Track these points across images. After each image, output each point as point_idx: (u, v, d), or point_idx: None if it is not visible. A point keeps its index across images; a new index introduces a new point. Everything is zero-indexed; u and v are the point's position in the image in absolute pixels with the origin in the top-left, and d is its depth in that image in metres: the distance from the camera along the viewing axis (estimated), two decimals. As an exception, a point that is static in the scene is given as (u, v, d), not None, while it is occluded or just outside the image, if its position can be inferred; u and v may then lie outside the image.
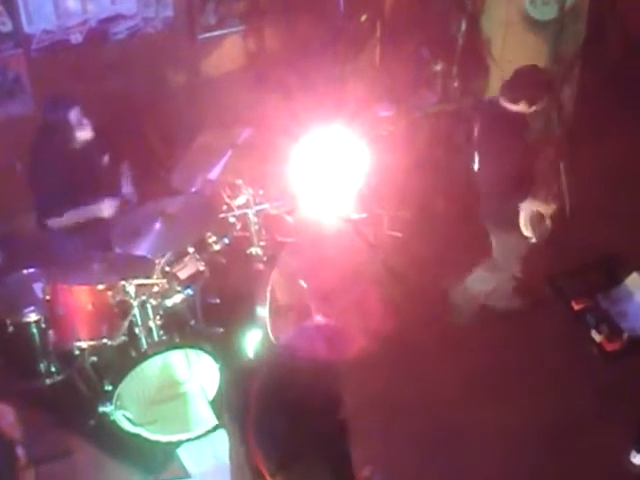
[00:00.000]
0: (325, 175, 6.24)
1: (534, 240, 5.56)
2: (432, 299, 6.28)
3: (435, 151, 7.43)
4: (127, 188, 6.11)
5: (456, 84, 7.37)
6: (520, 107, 5.37)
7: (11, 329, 5.50)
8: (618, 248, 6.44)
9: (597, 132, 7.56)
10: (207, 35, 7.10)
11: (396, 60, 7.33)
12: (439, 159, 7.38)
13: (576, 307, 6.16)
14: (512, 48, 7.13)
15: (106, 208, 5.90)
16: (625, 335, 5.93)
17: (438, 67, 7.27)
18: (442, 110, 7.46)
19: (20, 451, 4.41)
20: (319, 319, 4.69)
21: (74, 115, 5.74)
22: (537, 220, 5.50)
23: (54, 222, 5.81)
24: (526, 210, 5.47)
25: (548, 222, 5.57)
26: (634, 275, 6.19)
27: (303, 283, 5.53)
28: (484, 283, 6.02)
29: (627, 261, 6.35)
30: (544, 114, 5.53)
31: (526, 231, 5.52)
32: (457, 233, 6.74)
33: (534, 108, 5.40)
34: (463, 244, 6.60)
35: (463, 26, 7.24)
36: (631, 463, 5.30)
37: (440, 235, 6.79)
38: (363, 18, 7.28)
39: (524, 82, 5.40)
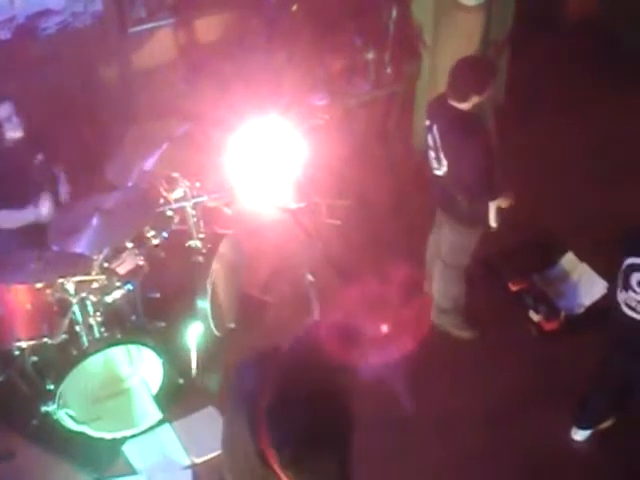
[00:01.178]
0: (262, 165, 6.21)
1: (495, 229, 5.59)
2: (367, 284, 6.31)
3: (370, 139, 7.48)
4: (62, 187, 6.04)
5: (389, 71, 7.41)
6: (471, 102, 5.29)
7: (-53, 332, 5.43)
8: (553, 228, 6.57)
9: (528, 116, 7.67)
10: (138, 28, 7.01)
11: (329, 49, 7.34)
12: (374, 147, 7.43)
13: (513, 288, 6.29)
14: (443, 34, 7.18)
15: (43, 209, 5.82)
16: (562, 314, 6.06)
17: (370, 55, 7.28)
18: (375, 97, 7.50)
19: (-38, 454, 4.36)
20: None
21: (3, 111, 5.64)
22: (499, 210, 5.53)
23: None
24: (493, 205, 5.50)
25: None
26: (569, 255, 6.32)
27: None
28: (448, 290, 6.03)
29: (562, 241, 6.48)
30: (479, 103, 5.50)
31: (494, 223, 5.55)
32: (394, 221, 6.80)
33: (483, 97, 5.38)
34: (400, 231, 6.67)
35: (394, 13, 7.27)
36: (572, 439, 5.43)
37: (377, 223, 6.84)
38: (294, 7, 7.27)
39: (468, 76, 5.27)
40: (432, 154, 5.52)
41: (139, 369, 5.44)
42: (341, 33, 7.39)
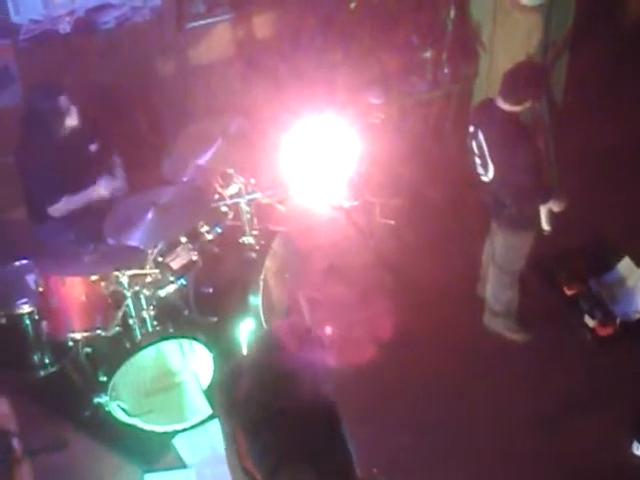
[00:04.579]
0: (317, 163, 6.24)
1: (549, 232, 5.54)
2: (423, 286, 6.28)
3: (426, 139, 7.44)
4: (119, 178, 6.09)
5: (446, 71, 7.36)
6: (523, 106, 5.24)
7: (4, 321, 5.49)
8: (609, 233, 6.48)
9: (585, 118, 7.57)
10: (196, 24, 7.07)
11: (386, 47, 7.31)
12: (429, 147, 7.39)
13: (568, 292, 6.21)
14: (502, 34, 7.12)
15: (102, 188, 5.88)
16: (618, 320, 5.97)
17: (428, 54, 7.25)
18: (432, 97, 7.46)
19: (15, 443, 4.38)
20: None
21: (63, 102, 5.70)
22: (553, 214, 5.48)
23: (54, 210, 5.79)
24: (545, 209, 5.44)
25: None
26: (626, 260, 6.23)
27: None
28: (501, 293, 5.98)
29: (619, 246, 6.38)
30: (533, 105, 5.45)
31: (547, 227, 5.50)
32: (449, 221, 6.76)
33: (536, 101, 5.32)
34: (455, 232, 6.63)
35: (452, 13, 7.23)
36: (632, 454, 5.25)
37: (432, 222, 6.80)
38: (352, 5, 7.25)
39: (524, 81, 5.21)
40: (478, 160, 5.48)
41: (190, 363, 5.45)
42: (398, 32, 7.36)
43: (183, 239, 5.65)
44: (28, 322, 5.48)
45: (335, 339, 5.83)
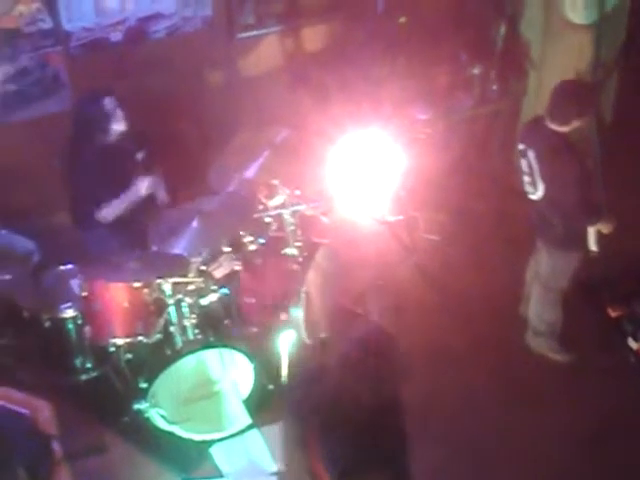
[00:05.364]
0: (361, 177, 6.24)
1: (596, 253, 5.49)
2: (465, 302, 6.25)
3: (471, 154, 7.41)
4: (161, 192, 6.13)
5: (494, 87, 7.33)
6: (571, 126, 5.21)
7: (48, 324, 5.55)
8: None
9: (635, 138, 7.49)
10: (245, 35, 7.11)
11: (434, 63, 7.29)
12: (475, 163, 7.36)
13: (612, 314, 6.14)
14: (552, 52, 7.08)
15: (142, 185, 5.92)
16: (662, 343, 5.90)
17: (476, 70, 7.22)
18: (479, 114, 7.43)
19: (55, 446, 4.43)
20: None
21: (109, 105, 5.76)
22: (600, 234, 5.43)
23: (103, 214, 5.84)
24: (593, 229, 5.40)
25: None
26: (671, 282, 6.15)
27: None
28: (545, 313, 5.92)
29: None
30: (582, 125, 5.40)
31: (594, 247, 5.45)
32: (494, 237, 6.72)
33: (583, 121, 5.29)
34: (499, 248, 6.59)
35: (502, 29, 7.20)
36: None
37: (476, 238, 6.76)
38: (402, 20, 7.25)
39: (572, 100, 5.18)
40: (527, 179, 5.45)
41: (230, 373, 5.46)
42: (447, 47, 7.34)
43: (226, 249, 5.68)
44: (71, 326, 5.53)
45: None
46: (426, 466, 4.95)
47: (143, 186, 5.91)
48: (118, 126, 5.81)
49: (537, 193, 5.38)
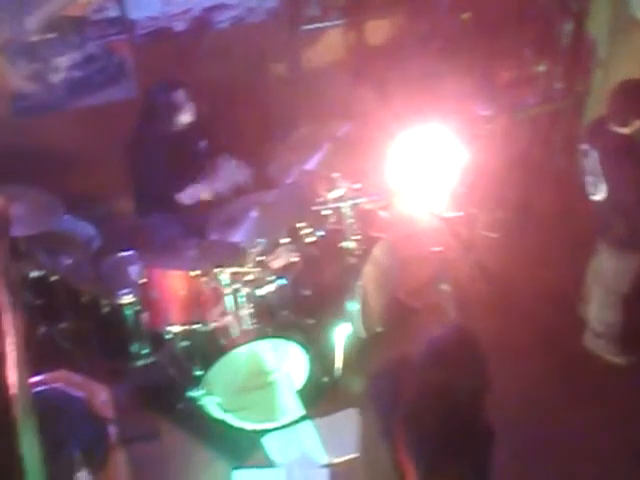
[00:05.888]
0: (421, 172, 6.20)
1: None
2: (523, 301, 6.18)
3: (534, 152, 7.33)
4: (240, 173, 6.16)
5: (558, 85, 7.24)
6: (633, 127, 5.11)
7: (106, 310, 5.62)
8: None
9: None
10: (310, 26, 7.11)
11: (498, 59, 7.23)
12: (537, 160, 7.28)
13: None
14: (618, 51, 6.97)
15: (241, 175, 6.01)
16: None
17: (541, 68, 7.14)
18: (542, 111, 7.35)
19: (111, 430, 4.47)
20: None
21: (181, 96, 5.83)
22: None
23: (188, 196, 5.95)
24: None
25: None
26: None
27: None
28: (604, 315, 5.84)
29: None
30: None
31: None
32: (554, 236, 6.64)
33: None
34: (559, 248, 6.51)
35: (568, 27, 7.11)
36: None
37: (536, 237, 6.69)
38: (465, 15, 7.20)
39: (630, 101, 5.10)
40: (589, 179, 5.38)
41: (285, 364, 5.47)
42: (512, 44, 7.27)
43: (284, 240, 5.69)
44: (129, 312, 5.58)
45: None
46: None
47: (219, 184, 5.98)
48: (185, 118, 5.88)
49: (599, 194, 5.31)
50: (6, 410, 1.76)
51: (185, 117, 5.89)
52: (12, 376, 1.91)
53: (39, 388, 4.45)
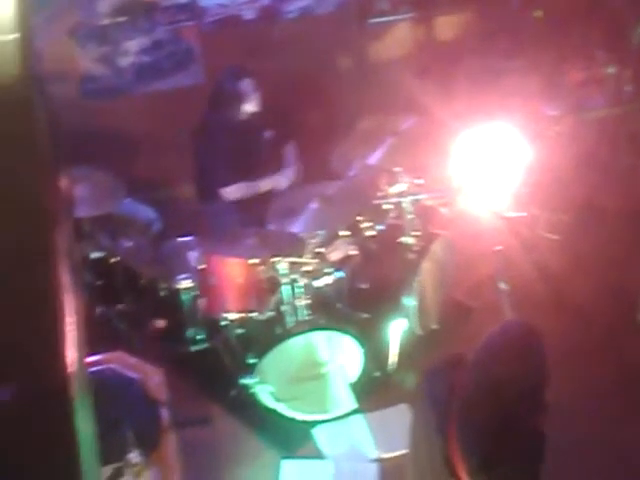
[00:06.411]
0: (485, 170, 6.15)
1: None
2: (584, 305, 6.09)
3: (600, 154, 7.22)
4: (291, 167, 6.17)
5: (629, 88, 7.13)
6: None
7: (164, 294, 5.67)
8: None
9: None
10: (378, 20, 7.09)
11: (568, 59, 7.14)
12: (603, 160, 7.17)
13: None
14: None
15: (283, 180, 6.01)
16: None
17: (611, 70, 7.04)
18: (611, 113, 7.24)
19: (164, 413, 4.51)
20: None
21: (247, 85, 5.86)
22: None
23: (226, 192, 5.94)
24: None
25: None
26: None
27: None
28: None
29: None
30: None
31: None
32: (617, 239, 6.53)
33: None
34: (623, 251, 6.40)
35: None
36: None
37: (599, 240, 6.59)
38: (538, 13, 7.11)
39: None
40: None
41: (338, 357, 5.46)
42: (582, 44, 7.17)
43: (344, 232, 5.68)
44: (186, 297, 5.63)
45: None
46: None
47: (284, 180, 5.99)
48: (251, 107, 5.91)
49: None
50: (64, 388, 1.78)
51: (250, 106, 5.92)
52: (71, 355, 1.92)
53: (95, 368, 4.50)
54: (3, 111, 2.21)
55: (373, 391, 5.52)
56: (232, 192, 5.94)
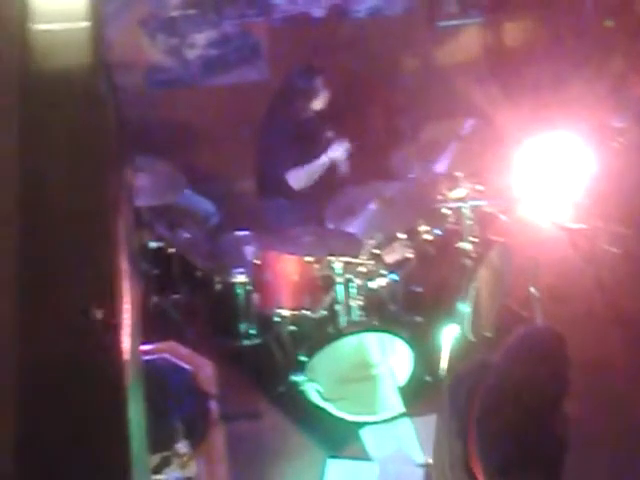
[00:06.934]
0: (547, 179, 6.09)
1: None
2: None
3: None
4: (343, 168, 6.17)
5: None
6: None
7: (219, 287, 5.69)
8: None
9: None
10: (446, 23, 7.05)
11: (636, 70, 7.03)
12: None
13: None
14: None
15: (337, 150, 6.00)
16: None
17: (680, 83, 6.93)
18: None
19: (213, 405, 4.54)
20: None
21: (319, 83, 5.89)
22: None
23: (294, 178, 5.96)
24: None
25: None
26: None
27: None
28: None
29: None
30: None
31: None
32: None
33: None
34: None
35: None
36: None
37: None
38: (608, 23, 7.01)
39: None
40: None
41: (389, 359, 5.44)
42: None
43: (401, 235, 5.66)
44: (240, 292, 5.64)
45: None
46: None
47: (337, 150, 5.97)
48: (318, 105, 5.91)
49: None
50: (119, 375, 1.79)
51: (318, 104, 5.93)
52: (126, 342, 1.94)
53: (148, 357, 4.54)
54: (72, 97, 2.23)
55: (423, 395, 5.49)
56: (297, 179, 5.94)
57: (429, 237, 5.73)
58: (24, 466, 1.66)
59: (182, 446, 4.14)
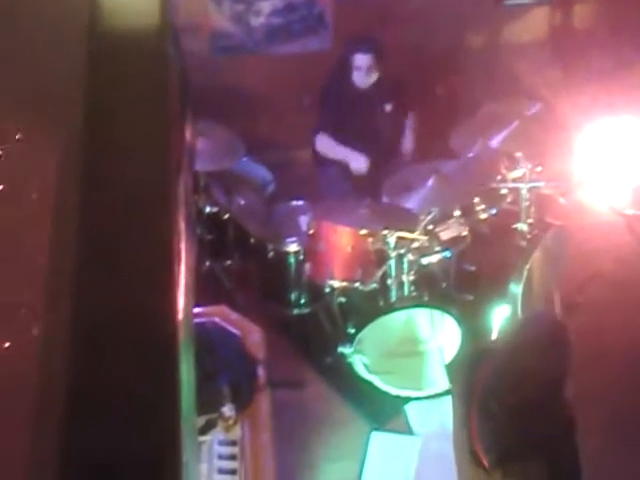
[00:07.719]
0: (608, 164, 6.02)
1: None
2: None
3: None
4: (407, 143, 6.16)
5: None
6: None
7: (271, 255, 5.70)
8: None
9: None
10: (515, 1, 6.96)
11: None
12: None
13: None
14: None
15: (356, 162, 5.99)
16: None
17: None
18: None
19: (260, 371, 4.57)
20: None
21: (372, 59, 5.85)
22: None
23: (319, 142, 6.03)
24: None
25: None
26: None
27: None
28: None
29: None
30: None
31: None
32: None
33: None
34: None
35: None
36: None
37: None
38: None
39: None
40: None
41: (438, 335, 5.44)
42: None
43: (457, 212, 5.62)
44: (293, 261, 5.66)
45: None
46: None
47: (357, 162, 5.98)
48: (373, 78, 5.90)
49: None
50: (173, 334, 1.81)
51: (372, 78, 5.91)
52: (181, 302, 1.96)
53: (198, 320, 4.58)
54: (139, 59, 2.25)
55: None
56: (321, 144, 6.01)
57: (485, 216, 5.69)
58: (74, 417, 1.69)
59: (228, 409, 4.18)
